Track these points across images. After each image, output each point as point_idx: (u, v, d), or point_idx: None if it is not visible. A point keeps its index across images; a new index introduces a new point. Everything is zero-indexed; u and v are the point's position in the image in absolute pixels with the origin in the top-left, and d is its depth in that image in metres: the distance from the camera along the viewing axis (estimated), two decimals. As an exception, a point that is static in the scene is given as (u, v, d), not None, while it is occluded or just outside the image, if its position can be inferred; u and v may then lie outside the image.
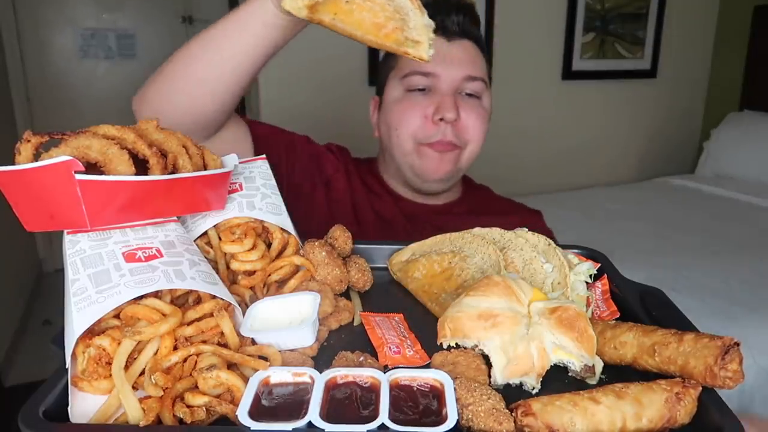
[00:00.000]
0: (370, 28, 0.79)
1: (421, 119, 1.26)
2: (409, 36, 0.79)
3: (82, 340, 0.59)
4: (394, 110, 1.30)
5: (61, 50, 4.35)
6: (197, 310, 0.64)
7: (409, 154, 1.30)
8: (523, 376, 0.64)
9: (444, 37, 1.27)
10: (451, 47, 1.27)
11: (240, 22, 0.99)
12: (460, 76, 1.27)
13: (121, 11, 4.45)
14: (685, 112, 4.22)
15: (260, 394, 0.58)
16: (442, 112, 1.24)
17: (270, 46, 1.00)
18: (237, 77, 1.02)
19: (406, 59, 1.27)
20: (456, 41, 1.28)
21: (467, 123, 1.28)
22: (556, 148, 3.77)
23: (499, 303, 0.67)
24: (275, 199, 0.87)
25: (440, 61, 1.25)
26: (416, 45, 0.79)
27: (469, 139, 1.29)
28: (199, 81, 1.01)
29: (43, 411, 0.55)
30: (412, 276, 0.89)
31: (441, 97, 1.26)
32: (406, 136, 1.28)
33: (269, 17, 0.94)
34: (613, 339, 0.67)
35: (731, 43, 4.00)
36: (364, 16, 0.78)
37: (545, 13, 3.58)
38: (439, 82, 1.26)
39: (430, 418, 0.54)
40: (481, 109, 1.31)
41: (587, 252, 0.95)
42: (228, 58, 1.00)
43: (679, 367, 0.60)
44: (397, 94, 1.31)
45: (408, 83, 1.29)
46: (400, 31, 0.79)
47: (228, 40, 0.99)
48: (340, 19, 0.79)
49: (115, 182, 0.65)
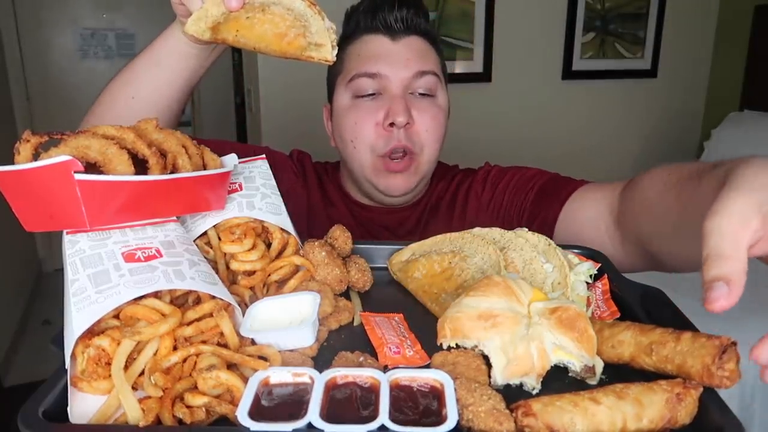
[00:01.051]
0: (273, 39, 0.80)
1: (374, 128, 1.20)
2: (311, 41, 0.80)
3: (81, 340, 0.59)
4: (345, 121, 1.24)
5: (61, 50, 4.35)
6: (197, 310, 0.64)
7: (367, 169, 1.23)
8: (523, 377, 0.64)
9: (388, 36, 1.20)
10: (395, 45, 1.20)
11: (154, 59, 1.03)
12: (409, 74, 1.19)
13: (121, 11, 4.45)
14: (685, 112, 4.22)
15: (260, 394, 0.57)
16: (392, 116, 1.17)
17: (190, 77, 1.04)
18: (164, 108, 1.06)
19: (350, 63, 1.23)
20: (401, 39, 1.21)
21: (420, 126, 1.20)
22: (556, 148, 3.77)
23: (499, 303, 0.67)
24: (275, 199, 0.87)
25: (386, 61, 1.19)
26: (319, 48, 0.80)
27: (424, 142, 1.21)
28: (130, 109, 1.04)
29: (42, 411, 0.55)
30: (412, 276, 0.89)
31: (390, 101, 1.19)
32: (362, 149, 1.22)
33: (182, 47, 0.99)
34: (611, 338, 0.67)
35: (731, 43, 3.99)
36: (266, 28, 0.80)
37: (545, 13, 3.58)
38: (388, 83, 1.19)
39: (430, 418, 0.54)
40: (435, 109, 1.23)
41: (587, 252, 0.95)
42: (150, 93, 1.04)
43: (677, 367, 0.60)
44: (345, 101, 1.24)
45: (355, 88, 1.21)
46: (302, 37, 0.80)
47: (147, 78, 1.04)
48: (242, 35, 0.81)
49: (115, 182, 0.65)
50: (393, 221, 1.33)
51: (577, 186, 1.20)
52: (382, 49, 1.21)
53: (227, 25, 0.81)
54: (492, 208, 1.30)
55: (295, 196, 1.33)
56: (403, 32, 1.21)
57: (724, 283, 0.54)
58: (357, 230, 1.32)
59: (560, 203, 1.17)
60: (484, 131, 3.49)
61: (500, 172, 1.35)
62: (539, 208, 1.21)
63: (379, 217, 1.34)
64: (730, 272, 0.55)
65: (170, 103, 1.06)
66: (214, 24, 0.82)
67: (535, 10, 3.55)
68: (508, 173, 1.33)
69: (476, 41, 3.39)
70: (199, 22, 0.82)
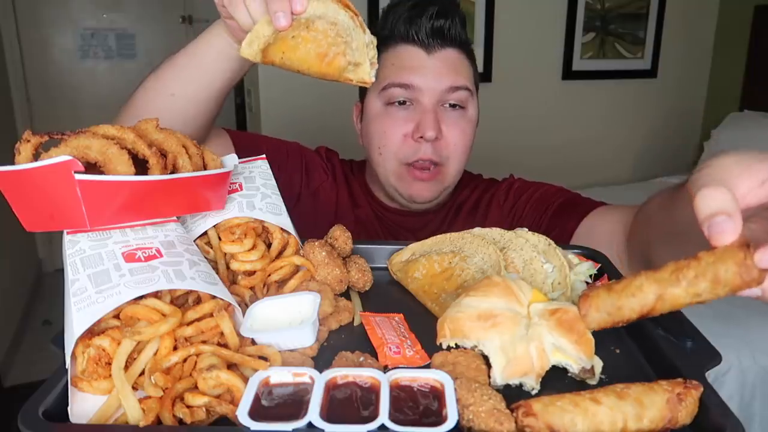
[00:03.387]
0: (314, 61, 0.78)
1: (401, 138, 1.22)
2: (351, 59, 0.78)
3: (81, 340, 0.59)
4: (374, 128, 1.26)
5: (61, 50, 4.35)
6: (197, 310, 0.64)
7: (392, 175, 1.26)
8: (522, 377, 0.64)
9: (423, 49, 1.21)
10: (430, 59, 1.21)
11: (197, 59, 1.03)
12: (441, 88, 1.21)
13: (121, 11, 4.45)
14: (685, 112, 4.22)
15: (260, 394, 0.57)
16: (422, 130, 1.19)
17: (232, 77, 1.04)
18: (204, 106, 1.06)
19: (384, 71, 1.24)
20: (436, 52, 1.21)
21: (449, 140, 1.22)
22: (556, 147, 3.78)
23: (498, 303, 0.67)
24: (275, 199, 0.86)
25: (420, 73, 1.20)
26: (357, 69, 0.78)
27: (450, 155, 1.24)
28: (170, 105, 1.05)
29: (42, 411, 0.55)
30: (412, 276, 0.89)
31: (421, 114, 1.20)
32: (388, 157, 1.24)
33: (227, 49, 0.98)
34: (625, 290, 0.59)
35: (731, 43, 3.99)
36: (309, 48, 0.77)
37: (545, 13, 3.58)
38: (420, 95, 1.20)
39: (430, 418, 0.54)
40: (464, 122, 1.25)
41: (587, 252, 0.95)
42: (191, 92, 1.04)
43: (710, 281, 0.54)
44: (376, 108, 1.26)
45: (387, 96, 1.23)
46: (342, 56, 0.77)
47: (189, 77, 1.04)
48: (287, 57, 0.78)
49: (115, 182, 0.65)
50: (417, 224, 1.35)
51: (597, 205, 1.23)
52: (417, 62, 1.22)
53: (275, 47, 0.79)
54: (512, 218, 1.34)
55: (324, 194, 1.35)
56: (439, 45, 1.22)
57: (725, 216, 0.50)
58: (381, 232, 1.34)
59: (578, 219, 1.19)
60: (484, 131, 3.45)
61: (524, 185, 1.38)
62: (557, 222, 1.23)
63: (402, 220, 1.36)
64: (726, 204, 0.51)
65: (210, 102, 1.06)
66: (265, 45, 0.80)
67: (535, 10, 3.55)
68: (532, 187, 1.36)
69: (476, 41, 3.39)
70: (252, 45, 0.80)
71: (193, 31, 4.59)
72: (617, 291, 0.59)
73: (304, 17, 0.78)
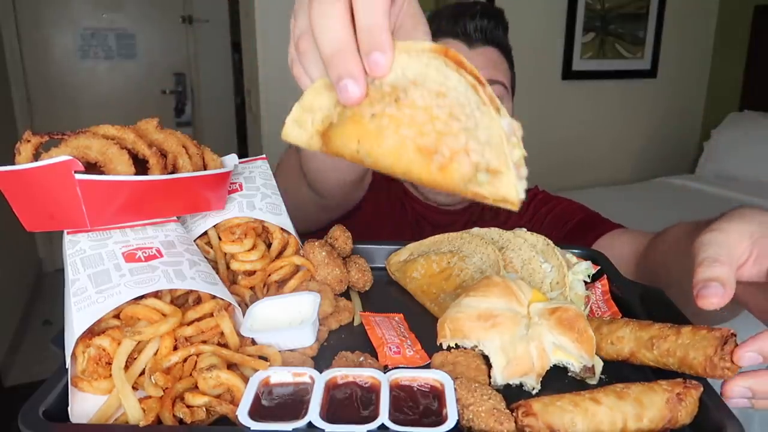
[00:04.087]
0: (415, 158, 0.48)
1: None
2: (481, 159, 0.46)
3: (82, 340, 0.59)
4: None
5: (61, 50, 4.35)
6: (197, 310, 0.64)
7: None
8: (522, 377, 0.64)
9: (465, 43, 1.24)
10: (471, 53, 1.24)
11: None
12: None
13: (121, 11, 4.45)
14: (685, 112, 4.22)
15: (260, 394, 0.57)
16: None
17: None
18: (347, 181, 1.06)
19: None
20: (477, 48, 1.25)
21: None
22: (556, 148, 3.78)
23: (498, 303, 0.67)
24: (275, 199, 0.86)
25: None
26: (494, 178, 0.46)
27: None
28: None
29: (43, 411, 0.55)
30: (411, 276, 0.89)
31: None
32: None
33: None
34: (610, 334, 0.67)
35: (731, 43, 4.00)
36: (403, 135, 0.48)
37: (545, 13, 3.58)
38: None
39: (430, 418, 0.54)
40: None
41: (587, 252, 0.95)
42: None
43: (678, 360, 0.60)
44: None
45: None
46: (464, 154, 0.46)
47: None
48: (367, 149, 0.50)
49: (115, 182, 0.65)
50: (444, 220, 1.37)
51: (614, 227, 1.26)
52: None
53: (344, 129, 0.51)
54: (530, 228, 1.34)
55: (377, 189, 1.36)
56: (481, 42, 1.25)
57: (719, 284, 0.58)
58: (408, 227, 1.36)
59: (594, 238, 1.22)
60: (484, 131, 3.48)
61: (546, 197, 1.41)
62: (572, 238, 1.26)
63: (430, 215, 1.38)
64: (725, 276, 0.59)
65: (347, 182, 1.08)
66: (324, 126, 0.52)
67: (535, 10, 3.54)
68: (553, 200, 1.40)
69: (476, 41, 3.39)
70: (301, 127, 0.53)
71: (193, 30, 4.60)
72: (602, 333, 0.67)
73: (389, 82, 0.48)
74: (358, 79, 0.47)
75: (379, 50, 0.47)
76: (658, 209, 3.20)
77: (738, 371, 0.57)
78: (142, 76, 4.59)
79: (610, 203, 3.33)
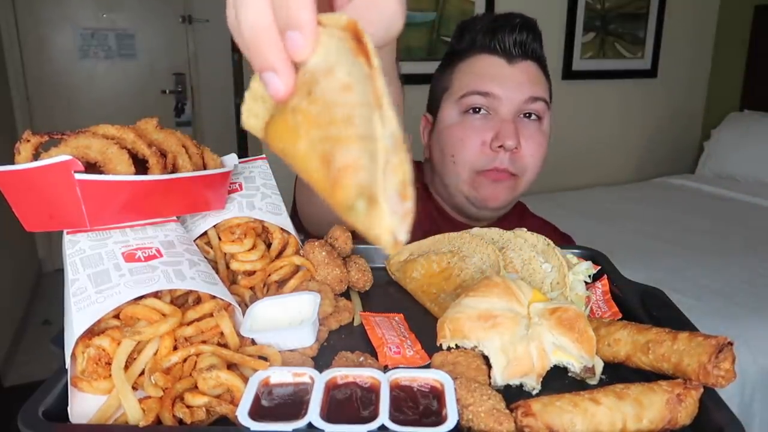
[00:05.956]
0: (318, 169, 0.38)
1: (479, 146, 1.20)
2: (365, 184, 0.35)
3: (81, 340, 0.59)
4: (449, 135, 1.23)
5: (60, 50, 4.35)
6: (197, 310, 0.64)
7: (464, 183, 1.24)
8: (523, 377, 0.64)
9: (505, 59, 1.21)
10: (511, 69, 1.21)
11: None
12: (522, 98, 1.20)
13: (121, 11, 4.45)
14: (685, 112, 4.21)
15: (260, 394, 0.57)
16: (502, 139, 1.17)
17: None
18: None
19: (462, 80, 1.23)
20: (517, 63, 1.22)
21: (526, 151, 1.21)
22: (556, 148, 3.74)
23: (498, 304, 0.67)
24: (275, 199, 0.86)
25: (500, 83, 1.20)
26: (371, 209, 0.35)
27: (526, 166, 1.22)
28: None
29: (42, 411, 0.55)
30: (411, 276, 0.89)
31: (501, 123, 1.19)
32: (462, 165, 1.22)
33: None
34: (607, 336, 0.67)
35: (731, 43, 3.99)
36: (312, 138, 0.38)
37: (545, 13, 3.57)
38: (499, 104, 1.20)
39: (430, 418, 0.54)
40: (541, 135, 1.24)
41: (587, 252, 0.95)
42: None
43: (673, 365, 0.60)
44: (452, 117, 1.24)
45: (465, 104, 1.22)
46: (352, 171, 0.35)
47: None
48: (288, 149, 0.40)
49: (115, 182, 0.65)
50: None
51: None
52: (498, 71, 1.21)
53: (275, 123, 0.42)
54: None
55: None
56: (520, 56, 1.22)
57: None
58: None
59: None
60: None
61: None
62: None
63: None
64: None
65: None
66: (270, 116, 0.44)
67: (535, 10, 3.51)
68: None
69: (476, 41, 3.39)
70: (252, 115, 0.46)
71: (193, 30, 4.60)
72: (599, 335, 0.67)
73: (310, 68, 0.39)
74: (281, 71, 0.39)
75: (296, 27, 0.38)
76: (658, 209, 3.20)
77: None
78: (142, 76, 4.59)
79: (610, 203, 3.34)
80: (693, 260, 2.41)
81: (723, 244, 2.61)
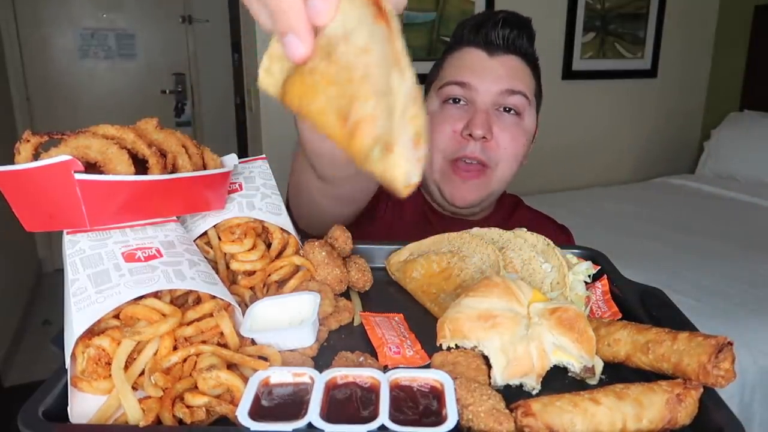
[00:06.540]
0: (335, 124, 0.44)
1: (450, 134, 1.22)
2: (382, 134, 0.42)
3: (81, 340, 0.59)
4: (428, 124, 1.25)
5: (60, 50, 4.35)
6: (197, 310, 0.64)
7: (436, 172, 1.24)
8: (523, 377, 0.64)
9: (485, 51, 1.22)
10: (491, 61, 1.22)
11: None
12: (497, 90, 1.20)
13: (121, 11, 4.45)
14: (685, 112, 4.22)
15: (260, 394, 0.57)
16: (471, 127, 1.18)
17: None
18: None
19: (445, 71, 1.25)
20: (498, 56, 1.22)
21: (498, 143, 1.21)
22: (556, 148, 3.77)
23: (498, 304, 0.67)
24: (275, 199, 0.86)
25: (478, 74, 1.21)
26: (386, 155, 0.42)
27: (500, 158, 1.22)
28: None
29: (42, 411, 0.55)
30: (411, 276, 0.89)
31: (474, 113, 1.20)
32: (435, 152, 1.23)
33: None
34: (607, 336, 0.67)
35: (731, 43, 4.00)
36: (329, 95, 0.43)
37: (545, 13, 3.57)
38: (476, 94, 1.21)
39: (430, 418, 0.54)
40: (518, 129, 1.23)
41: (587, 252, 0.95)
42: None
43: (672, 365, 0.60)
44: (433, 107, 1.26)
45: (444, 94, 1.24)
46: (370, 123, 0.42)
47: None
48: (304, 105, 0.46)
49: (115, 182, 0.65)
50: None
51: None
52: (477, 62, 1.23)
53: (293, 82, 0.47)
54: None
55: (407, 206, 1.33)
56: (502, 50, 1.22)
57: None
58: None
59: None
60: (484, 131, 3.48)
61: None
62: None
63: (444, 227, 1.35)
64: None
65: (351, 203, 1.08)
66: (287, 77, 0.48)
67: (535, 10, 3.52)
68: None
69: (476, 41, 3.39)
70: (269, 74, 0.49)
71: (193, 30, 4.60)
72: (599, 335, 0.68)
73: (328, 33, 0.44)
74: (302, 35, 0.43)
75: None
76: (658, 209, 3.20)
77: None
78: (142, 76, 4.59)
79: (610, 203, 3.34)
80: (693, 260, 2.41)
81: (723, 245, 2.61)
